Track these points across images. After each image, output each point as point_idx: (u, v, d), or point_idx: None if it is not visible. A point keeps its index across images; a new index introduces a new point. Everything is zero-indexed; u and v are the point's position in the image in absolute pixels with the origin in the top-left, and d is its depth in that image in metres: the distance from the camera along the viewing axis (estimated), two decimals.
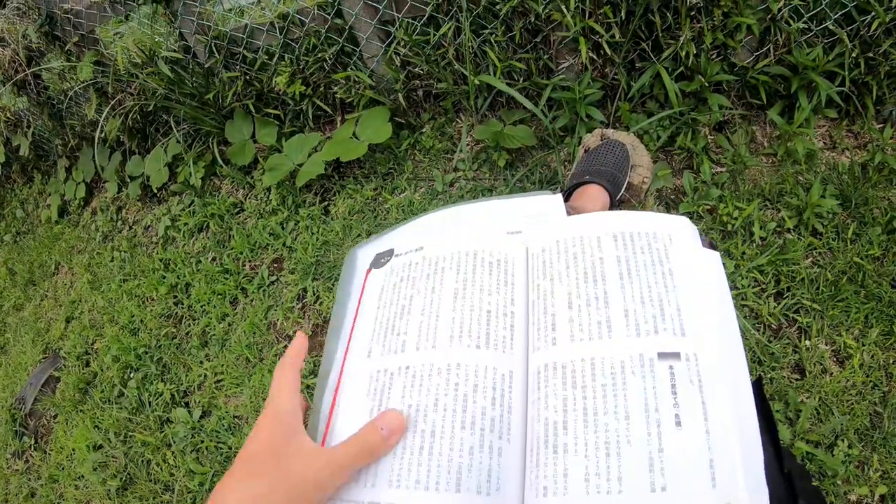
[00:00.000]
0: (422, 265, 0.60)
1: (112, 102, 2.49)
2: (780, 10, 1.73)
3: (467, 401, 0.50)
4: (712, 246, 0.55)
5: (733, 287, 1.64)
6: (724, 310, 0.50)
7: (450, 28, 1.86)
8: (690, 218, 1.81)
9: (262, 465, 0.46)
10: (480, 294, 0.56)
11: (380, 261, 0.63)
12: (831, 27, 1.76)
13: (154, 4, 2.19)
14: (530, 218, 0.65)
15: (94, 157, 2.85)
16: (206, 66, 2.26)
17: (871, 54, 1.76)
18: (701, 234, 0.56)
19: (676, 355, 0.46)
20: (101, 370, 2.31)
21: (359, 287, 0.63)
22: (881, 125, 1.94)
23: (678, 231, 0.55)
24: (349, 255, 0.69)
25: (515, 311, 0.56)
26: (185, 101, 2.31)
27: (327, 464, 0.47)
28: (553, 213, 0.64)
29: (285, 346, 1.91)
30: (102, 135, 2.59)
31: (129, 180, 2.69)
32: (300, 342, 0.58)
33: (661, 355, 0.47)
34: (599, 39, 1.78)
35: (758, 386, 0.72)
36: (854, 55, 1.76)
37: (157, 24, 2.33)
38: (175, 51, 2.30)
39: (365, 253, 0.68)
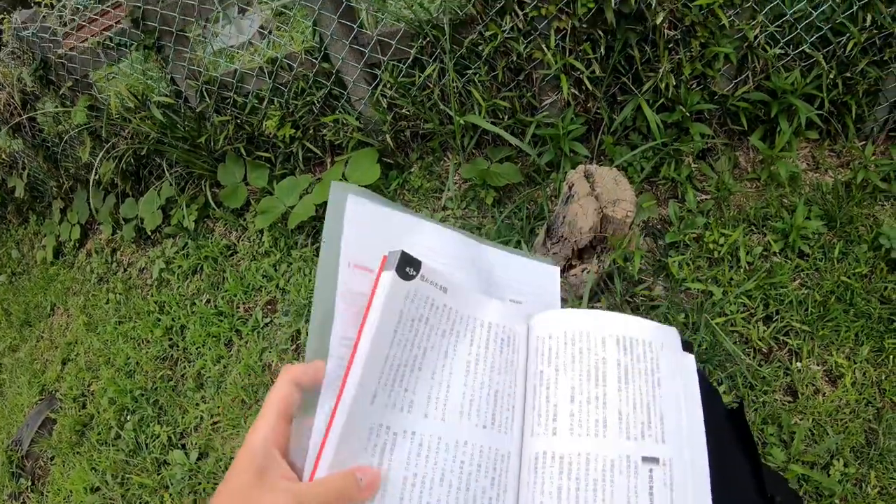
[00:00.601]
0: (443, 315, 0.57)
1: (106, 146, 2.53)
2: (756, 37, 1.78)
3: (471, 479, 0.52)
4: (689, 348, 0.62)
5: (722, 313, 1.66)
6: (695, 414, 0.58)
7: (434, 69, 1.90)
8: (676, 248, 1.84)
9: (231, 501, 0.47)
10: (490, 372, 0.57)
11: (405, 269, 0.55)
12: (808, 50, 1.80)
13: (146, 50, 2.24)
14: (530, 287, 0.69)
15: (88, 199, 2.88)
16: (197, 110, 2.30)
17: (848, 74, 1.80)
18: (683, 339, 0.63)
19: (656, 460, 0.53)
20: (98, 412, 2.31)
21: (351, 281, 0.57)
22: (863, 142, 1.98)
23: (668, 341, 0.61)
24: (335, 192, 0.62)
25: (517, 393, 0.59)
26: (177, 145, 2.35)
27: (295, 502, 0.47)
28: (550, 287, 0.71)
29: None
30: (97, 177, 2.62)
31: (123, 222, 2.72)
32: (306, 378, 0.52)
33: (644, 459, 0.53)
34: (580, 75, 1.83)
35: (739, 413, 0.76)
36: (832, 76, 1.81)
37: (148, 68, 2.38)
38: (167, 95, 2.35)
39: (355, 217, 0.61)
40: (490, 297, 0.62)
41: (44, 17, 2.46)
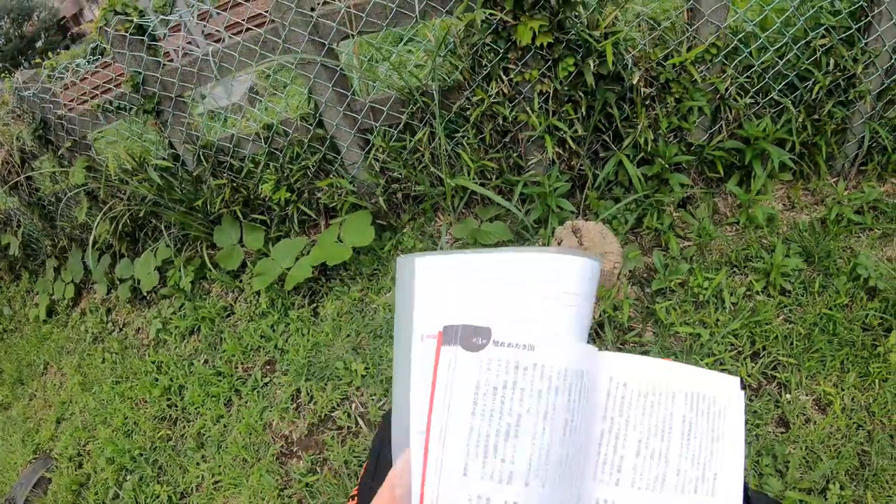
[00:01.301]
0: (535, 375, 0.53)
1: (104, 208, 2.57)
2: (727, 89, 1.89)
3: None
4: (742, 386, 0.65)
5: (710, 354, 1.72)
6: (740, 462, 0.62)
7: (424, 134, 1.98)
8: (663, 294, 1.91)
9: None
10: (581, 425, 0.56)
11: (471, 340, 0.53)
12: (776, 97, 1.92)
13: (145, 114, 2.30)
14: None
15: (83, 258, 2.91)
16: (194, 173, 2.36)
17: (816, 116, 1.91)
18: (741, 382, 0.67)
19: None
20: (95, 472, 2.29)
21: (425, 357, 0.56)
22: (835, 179, 2.08)
23: (731, 395, 0.64)
24: (402, 267, 0.60)
25: (591, 438, 0.59)
26: (174, 207, 2.40)
27: None
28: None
29: (282, 447, 1.94)
30: (93, 237, 2.65)
31: (118, 282, 2.74)
32: None
33: None
34: (564, 135, 1.92)
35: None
36: (801, 120, 1.92)
37: (146, 131, 2.44)
38: (164, 159, 2.40)
39: (427, 281, 0.59)
40: (582, 339, 0.59)
41: (45, 77, 2.52)
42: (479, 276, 0.59)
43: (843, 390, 1.57)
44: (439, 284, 0.58)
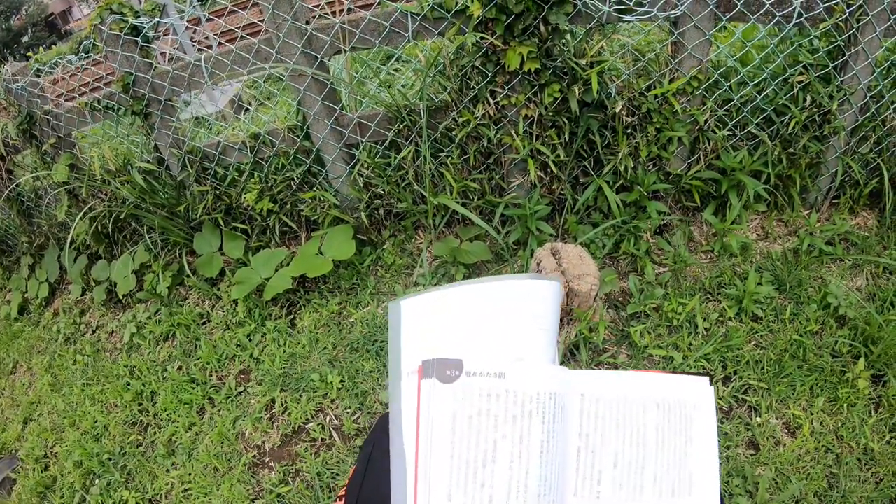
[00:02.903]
0: (505, 400, 0.56)
1: (84, 208, 2.54)
2: (706, 120, 1.94)
3: None
4: (711, 382, 0.67)
5: None
6: (714, 459, 0.64)
7: (409, 152, 2.00)
8: (638, 318, 1.94)
9: None
10: (557, 446, 0.58)
11: (444, 373, 0.56)
12: (754, 130, 1.98)
13: (132, 116, 2.29)
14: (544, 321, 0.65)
15: (60, 257, 2.86)
16: (178, 178, 2.35)
17: (791, 150, 1.98)
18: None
19: None
20: (62, 475, 2.25)
21: (412, 391, 0.58)
22: (808, 211, 2.15)
23: (701, 396, 0.66)
24: (391, 312, 0.63)
25: (568, 458, 0.61)
26: (155, 211, 2.38)
27: None
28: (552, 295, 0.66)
29: (254, 457, 1.92)
30: (71, 237, 2.62)
31: (94, 284, 2.71)
32: None
33: None
34: (546, 159, 1.96)
35: None
36: (776, 153, 1.98)
37: (133, 132, 2.43)
38: (149, 162, 2.39)
39: (411, 321, 0.62)
40: (550, 363, 0.62)
41: (34, 72, 2.49)
42: (454, 309, 0.61)
43: (812, 414, 1.62)
44: (421, 322, 0.61)
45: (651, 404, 0.63)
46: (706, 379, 0.67)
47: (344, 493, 0.93)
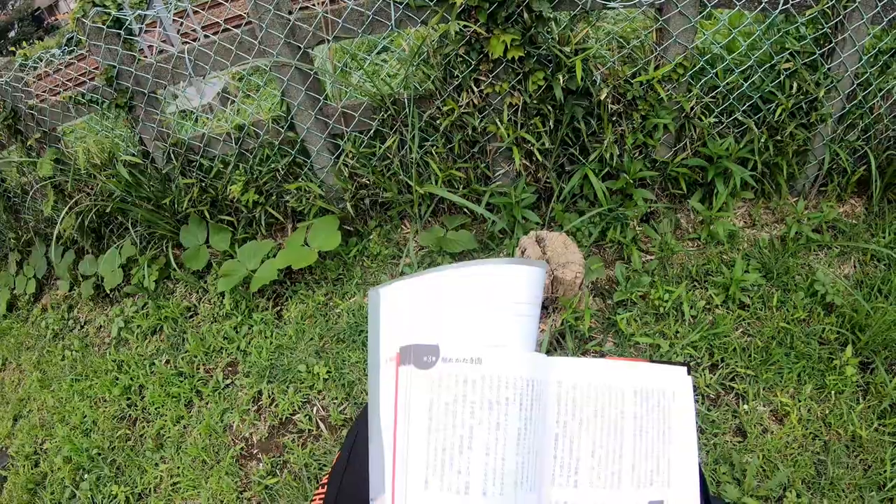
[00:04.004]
0: (481, 387, 0.55)
1: (70, 202, 2.53)
2: (692, 108, 1.94)
3: None
4: (689, 371, 0.66)
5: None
6: (693, 448, 0.63)
7: (394, 141, 1.99)
8: (624, 306, 1.94)
9: None
10: (534, 433, 0.57)
11: (422, 359, 0.56)
12: (740, 118, 1.97)
13: (117, 109, 2.27)
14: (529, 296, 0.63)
15: (47, 253, 2.85)
16: (163, 171, 2.34)
17: (778, 138, 1.97)
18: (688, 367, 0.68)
19: (661, 502, 0.59)
20: (52, 471, 2.24)
21: (390, 377, 0.58)
22: (795, 199, 2.14)
23: (678, 384, 0.66)
24: (371, 299, 0.63)
25: (546, 445, 0.60)
26: (141, 205, 2.37)
27: None
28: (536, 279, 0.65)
29: (242, 449, 1.92)
30: (58, 232, 2.60)
31: (81, 279, 2.69)
32: None
33: (651, 503, 0.59)
34: (531, 147, 1.95)
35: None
36: (763, 140, 1.97)
37: (117, 126, 2.41)
38: (134, 155, 2.38)
39: (390, 308, 0.61)
40: (530, 347, 0.60)
41: (18, 66, 2.47)
42: (433, 295, 0.60)
43: (799, 401, 1.61)
44: (399, 309, 0.61)
45: (629, 392, 0.62)
46: (684, 368, 0.66)
47: (327, 479, 0.92)
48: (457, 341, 0.58)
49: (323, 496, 0.89)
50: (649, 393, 0.63)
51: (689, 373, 0.67)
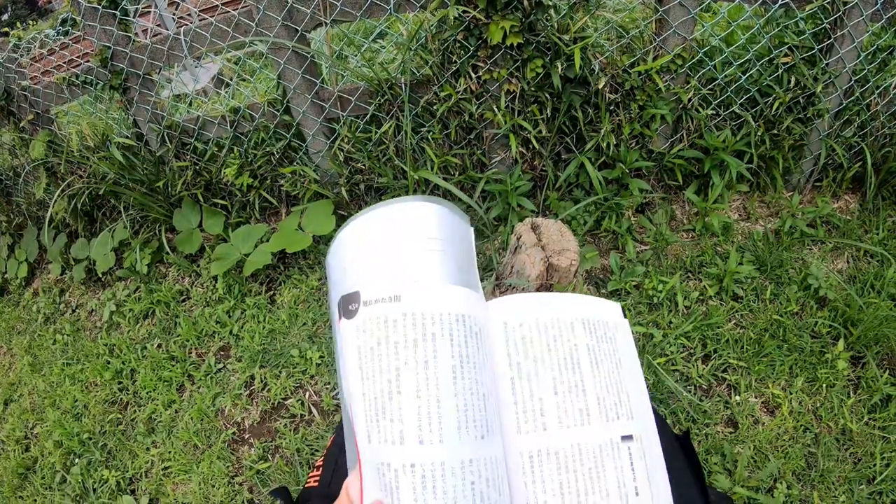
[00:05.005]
0: (403, 325, 0.51)
1: (63, 185, 2.50)
2: (690, 99, 1.94)
3: (484, 497, 0.49)
4: (623, 314, 0.64)
5: (663, 354, 1.76)
6: (642, 381, 0.61)
7: (390, 126, 1.98)
8: (618, 295, 1.94)
9: None
10: (474, 372, 0.52)
11: (348, 307, 0.53)
12: (737, 111, 1.97)
13: (111, 91, 2.25)
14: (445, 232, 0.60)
15: (39, 236, 2.82)
16: (157, 154, 2.32)
17: (775, 131, 1.98)
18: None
19: (631, 437, 0.56)
20: (43, 455, 2.23)
21: (337, 332, 0.55)
22: (790, 193, 2.15)
23: (618, 317, 0.63)
24: (325, 263, 0.60)
25: (498, 389, 0.56)
26: (134, 188, 2.35)
27: None
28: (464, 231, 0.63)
29: (234, 434, 1.91)
30: (50, 215, 2.58)
31: (73, 263, 2.67)
32: None
33: (623, 438, 0.56)
34: (528, 135, 1.94)
35: (686, 438, 0.80)
36: (760, 134, 1.98)
37: (111, 108, 2.39)
38: (128, 137, 2.36)
39: (332, 265, 0.59)
40: (454, 284, 0.55)
41: (12, 47, 2.44)
42: (354, 242, 0.57)
43: (791, 394, 1.62)
44: (337, 264, 0.58)
45: (578, 324, 0.59)
46: (619, 306, 0.64)
47: (321, 461, 0.92)
48: (375, 283, 0.54)
49: (318, 478, 0.89)
50: (596, 324, 0.60)
51: (624, 316, 0.65)
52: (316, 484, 0.88)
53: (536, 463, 0.53)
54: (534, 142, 1.94)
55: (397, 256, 0.56)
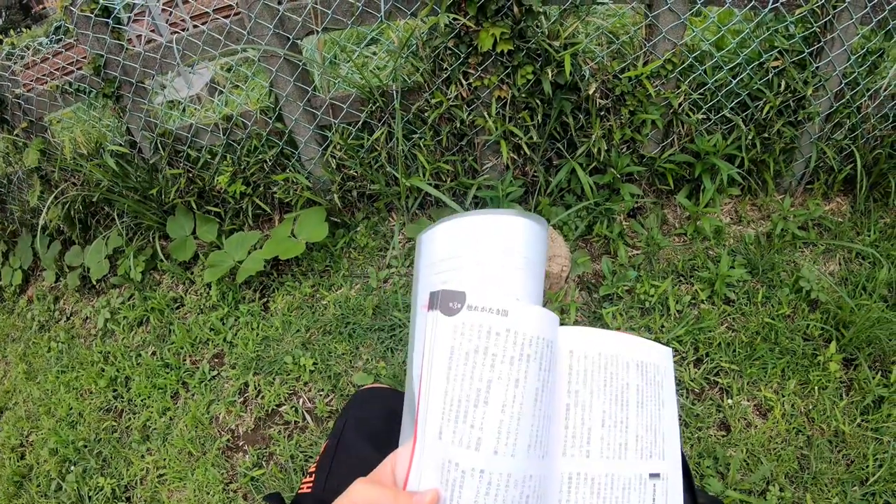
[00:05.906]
0: (505, 340, 0.53)
1: (56, 192, 2.50)
2: (680, 104, 1.94)
3: None
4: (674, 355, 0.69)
5: None
6: (677, 425, 0.65)
7: (382, 133, 1.99)
8: (610, 300, 1.95)
9: None
10: (549, 396, 0.56)
11: (447, 304, 0.54)
12: (728, 115, 1.98)
13: (104, 99, 2.25)
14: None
15: (33, 244, 2.82)
16: (150, 161, 2.32)
17: (765, 135, 1.98)
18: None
19: (658, 475, 0.60)
20: (38, 463, 2.23)
21: (422, 320, 0.57)
22: (781, 196, 2.16)
23: (668, 362, 0.67)
24: (417, 243, 0.62)
25: (557, 414, 0.59)
26: (128, 195, 2.35)
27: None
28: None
29: (228, 441, 1.91)
30: (43, 222, 2.58)
31: (67, 270, 2.67)
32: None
33: (651, 475, 0.60)
34: (519, 141, 1.95)
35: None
36: (751, 137, 1.99)
37: (104, 116, 2.39)
38: (121, 145, 2.36)
39: (426, 254, 0.61)
40: (540, 304, 0.59)
41: (5, 55, 2.44)
42: (461, 240, 0.60)
43: (783, 397, 1.63)
44: (433, 255, 0.61)
45: (633, 364, 0.62)
46: (671, 350, 0.67)
47: (315, 468, 0.92)
48: (483, 290, 0.57)
49: (311, 484, 0.89)
50: (647, 366, 0.63)
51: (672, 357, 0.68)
52: (310, 490, 0.89)
53: (574, 485, 0.57)
54: (525, 148, 1.95)
55: (502, 269, 0.59)
